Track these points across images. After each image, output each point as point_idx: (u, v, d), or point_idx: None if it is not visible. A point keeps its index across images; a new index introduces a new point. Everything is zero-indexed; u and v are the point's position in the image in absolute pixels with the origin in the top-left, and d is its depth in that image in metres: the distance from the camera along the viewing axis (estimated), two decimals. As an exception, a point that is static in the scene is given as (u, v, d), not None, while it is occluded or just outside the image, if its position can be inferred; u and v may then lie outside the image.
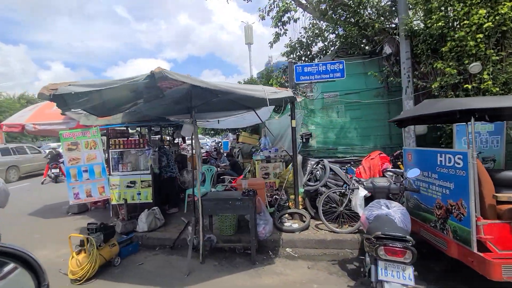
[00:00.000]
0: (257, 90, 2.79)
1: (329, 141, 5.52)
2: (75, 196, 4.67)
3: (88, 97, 2.65)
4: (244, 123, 7.19)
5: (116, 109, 3.98)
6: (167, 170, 5.40)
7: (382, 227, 2.28)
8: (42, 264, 1.09)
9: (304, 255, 3.82)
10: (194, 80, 2.39)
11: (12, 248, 0.94)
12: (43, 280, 1.01)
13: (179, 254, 3.98)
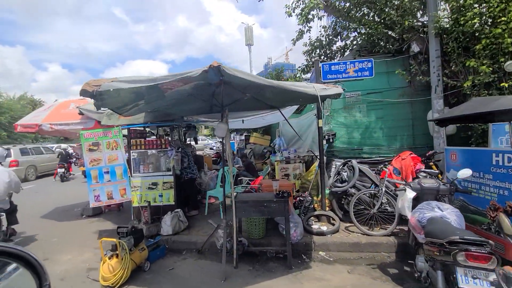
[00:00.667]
0: (307, 87, 2.68)
1: (354, 141, 5.40)
2: (96, 198, 4.52)
3: (131, 94, 2.51)
4: (262, 123, 7.07)
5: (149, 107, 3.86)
6: (187, 171, 5.25)
7: (446, 231, 2.16)
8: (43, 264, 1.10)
9: (340, 258, 3.69)
10: (250, 76, 2.26)
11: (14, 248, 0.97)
12: (44, 280, 1.02)
13: (209, 259, 3.83)
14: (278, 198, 3.49)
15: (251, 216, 3.78)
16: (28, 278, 1.01)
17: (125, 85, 2.28)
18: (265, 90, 3.63)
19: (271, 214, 3.57)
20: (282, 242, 3.99)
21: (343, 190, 4.56)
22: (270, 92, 3.70)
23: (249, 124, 6.70)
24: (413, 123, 5.27)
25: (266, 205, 3.46)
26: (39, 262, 1.03)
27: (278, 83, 2.46)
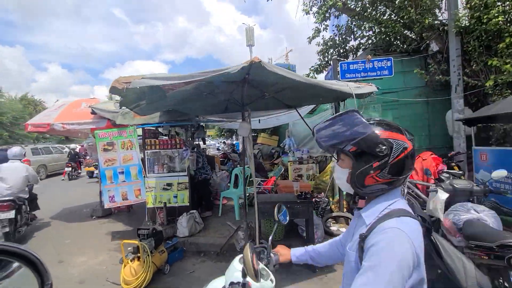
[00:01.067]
0: (341, 85, 2.60)
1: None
2: (110, 199, 4.42)
3: (158, 92, 2.43)
4: (275, 123, 6.99)
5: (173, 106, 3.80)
6: (201, 171, 5.18)
7: (492, 234, 2.08)
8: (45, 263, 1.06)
9: (363, 261, 3.60)
10: (288, 72, 2.18)
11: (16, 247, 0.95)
12: (46, 279, 1.01)
13: (228, 261, 3.69)
14: (302, 199, 3.40)
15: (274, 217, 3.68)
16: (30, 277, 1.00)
17: (156, 82, 2.20)
18: (287, 89, 3.57)
19: (294, 216, 3.49)
20: (302, 244, 3.90)
21: (362, 191, 4.47)
22: (293, 91, 3.61)
23: (263, 124, 6.63)
24: (430, 123, 5.19)
25: (289, 206, 3.35)
26: (41, 261, 1.00)
27: (315, 81, 2.39)
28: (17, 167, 4.80)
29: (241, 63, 1.91)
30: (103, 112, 4.88)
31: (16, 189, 4.65)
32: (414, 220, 0.91)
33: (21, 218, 4.72)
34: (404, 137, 0.97)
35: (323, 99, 4.07)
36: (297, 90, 3.61)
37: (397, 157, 0.93)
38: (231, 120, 5.83)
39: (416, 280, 0.84)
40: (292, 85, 3.27)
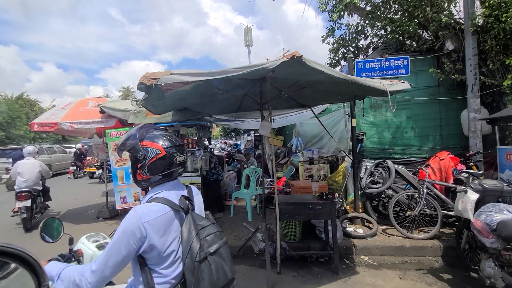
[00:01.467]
0: (374, 82, 2.53)
1: (385, 141, 5.26)
2: (122, 200, 4.32)
3: (186, 89, 2.34)
4: (285, 123, 6.91)
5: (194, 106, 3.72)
6: (213, 172, 5.08)
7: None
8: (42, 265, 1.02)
9: (385, 263, 3.54)
10: (327, 68, 2.09)
11: (13, 248, 0.92)
12: (43, 281, 0.97)
13: (246, 263, 3.65)
14: (323, 199, 3.32)
15: (295, 219, 3.62)
16: (27, 278, 0.97)
17: (185, 78, 2.11)
18: (307, 87, 3.50)
19: (317, 217, 3.41)
20: (321, 246, 3.84)
21: (379, 191, 4.42)
22: (313, 89, 3.55)
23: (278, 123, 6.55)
24: (445, 122, 5.14)
25: (311, 207, 3.30)
26: (38, 262, 0.98)
27: (353, 78, 2.31)
28: (32, 163, 5.45)
29: (280, 58, 1.83)
30: (112, 111, 4.76)
31: (31, 182, 5.32)
32: (160, 204, 1.22)
33: (36, 207, 5.49)
34: (158, 145, 1.28)
35: (341, 97, 4.00)
36: (318, 88, 3.55)
37: (150, 160, 1.27)
38: (239, 120, 5.73)
39: (146, 246, 1.14)
40: (316, 82, 3.20)
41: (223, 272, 1.21)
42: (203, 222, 1.27)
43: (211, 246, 1.21)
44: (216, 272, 1.19)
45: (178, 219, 1.26)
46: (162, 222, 1.19)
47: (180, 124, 5.01)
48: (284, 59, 1.80)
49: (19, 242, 6.65)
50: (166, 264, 1.19)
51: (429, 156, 4.99)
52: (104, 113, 5.08)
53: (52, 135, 31.99)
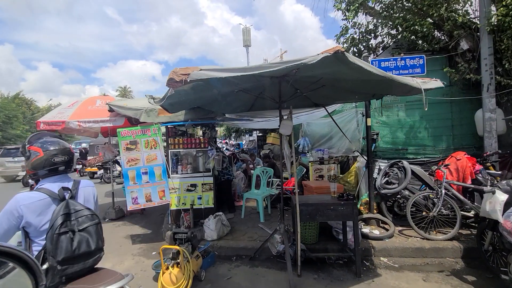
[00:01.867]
0: (409, 80, 2.47)
1: (398, 141, 5.21)
2: (133, 201, 4.20)
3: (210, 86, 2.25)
4: (296, 121, 6.83)
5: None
6: (224, 172, 4.99)
7: None
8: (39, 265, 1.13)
9: (406, 265, 3.48)
10: (370, 66, 2.02)
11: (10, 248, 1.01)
12: (40, 280, 1.05)
13: (264, 266, 3.57)
14: (345, 200, 3.25)
15: (316, 220, 3.54)
16: (24, 278, 1.03)
17: (217, 74, 2.02)
18: (327, 86, 3.43)
19: (338, 218, 3.34)
20: (338, 247, 3.77)
21: (395, 192, 4.36)
22: (333, 87, 3.49)
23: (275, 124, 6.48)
24: (458, 122, 5.10)
25: (333, 208, 3.23)
26: (35, 261, 1.05)
27: (391, 75, 2.24)
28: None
29: (321, 53, 1.75)
30: (122, 109, 4.64)
31: None
32: (39, 193, 1.65)
33: None
34: (38, 149, 1.73)
35: (358, 96, 3.94)
36: (338, 86, 3.49)
37: (32, 160, 1.72)
38: (249, 119, 5.64)
39: (24, 223, 1.57)
40: (340, 80, 3.14)
41: (86, 244, 1.66)
42: (78, 207, 1.70)
43: (81, 224, 1.66)
44: (79, 243, 1.62)
45: (56, 204, 1.66)
46: (38, 205, 1.61)
47: (194, 123, 4.92)
48: (326, 54, 1.72)
49: None
50: (43, 237, 1.59)
51: (443, 156, 4.95)
52: (113, 111, 4.97)
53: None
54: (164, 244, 4.46)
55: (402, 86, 2.59)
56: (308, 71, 2.61)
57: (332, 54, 1.71)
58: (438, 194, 3.91)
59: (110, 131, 5.96)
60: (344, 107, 6.36)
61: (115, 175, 11.52)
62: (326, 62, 1.78)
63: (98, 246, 1.73)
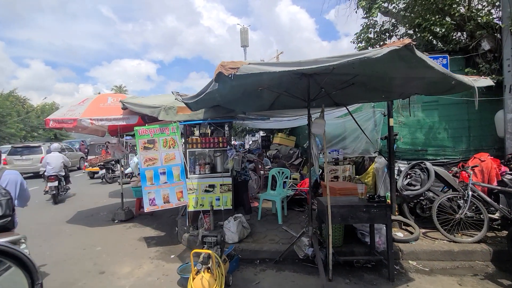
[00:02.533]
0: (463, 77, 2.38)
1: (418, 142, 5.15)
2: (150, 202, 4.04)
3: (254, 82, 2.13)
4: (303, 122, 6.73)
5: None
6: (241, 172, 4.86)
7: None
8: (36, 263, 1.13)
9: (436, 268, 3.40)
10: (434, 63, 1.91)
11: (6, 247, 1.01)
12: (36, 279, 1.07)
13: (291, 270, 3.45)
14: (378, 203, 3.15)
15: (348, 222, 3.43)
16: (20, 277, 1.03)
17: (268, 68, 1.91)
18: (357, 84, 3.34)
19: (371, 220, 3.24)
20: (365, 250, 3.67)
21: (418, 193, 4.28)
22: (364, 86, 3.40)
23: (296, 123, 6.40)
24: (478, 124, 5.06)
25: (365, 210, 3.13)
26: (32, 261, 1.07)
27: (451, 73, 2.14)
28: (57, 156, 7.67)
29: (388, 46, 1.64)
30: (137, 107, 4.48)
31: (57, 169, 7.43)
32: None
33: (60, 187, 7.64)
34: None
35: (385, 95, 3.85)
36: (369, 85, 3.39)
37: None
38: (267, 118, 5.52)
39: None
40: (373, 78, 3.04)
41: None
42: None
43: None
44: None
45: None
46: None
47: (207, 123, 4.78)
48: (395, 47, 1.61)
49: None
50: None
51: (462, 157, 4.91)
52: (126, 109, 4.81)
53: (45, 134, 31.06)
54: (181, 246, 4.33)
55: (446, 84, 2.51)
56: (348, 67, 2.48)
57: (402, 47, 1.60)
58: (465, 196, 3.85)
59: (120, 129, 5.78)
60: (362, 106, 6.29)
61: (116, 175, 11.32)
62: (390, 56, 1.67)
63: (5, 213, 2.04)
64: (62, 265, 3.75)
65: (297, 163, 8.70)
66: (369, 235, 3.73)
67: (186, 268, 3.25)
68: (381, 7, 4.81)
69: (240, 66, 1.91)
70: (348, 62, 1.74)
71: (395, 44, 1.64)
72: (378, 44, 5.95)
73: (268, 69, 1.89)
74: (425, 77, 2.38)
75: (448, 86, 2.68)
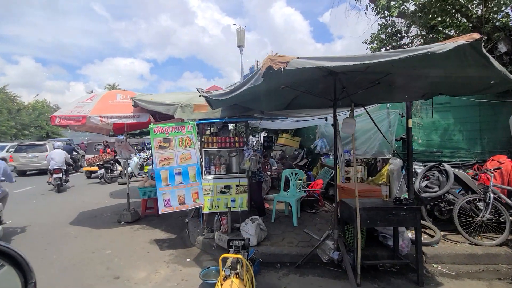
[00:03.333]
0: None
1: (433, 144, 5.12)
2: (165, 204, 3.88)
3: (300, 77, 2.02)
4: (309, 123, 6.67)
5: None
6: (255, 173, 4.73)
7: None
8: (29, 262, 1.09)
9: (462, 272, 3.34)
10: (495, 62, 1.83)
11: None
12: (30, 278, 1.04)
13: (315, 274, 3.34)
14: (407, 205, 3.08)
15: (377, 225, 3.36)
16: (13, 275, 1.01)
17: (318, 62, 1.80)
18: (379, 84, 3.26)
19: (401, 223, 3.16)
20: (389, 254, 3.59)
21: (437, 195, 4.23)
22: (387, 86, 3.33)
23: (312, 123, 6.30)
24: (492, 126, 5.06)
25: (395, 213, 3.05)
26: (26, 259, 1.04)
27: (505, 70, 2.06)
28: (60, 152, 9.25)
29: (453, 41, 1.55)
30: (150, 104, 4.32)
31: (60, 163, 8.86)
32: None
33: (63, 179, 9.00)
34: None
35: (408, 96, 3.79)
36: (396, 84, 3.32)
37: None
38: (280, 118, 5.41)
39: None
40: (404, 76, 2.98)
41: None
42: None
43: None
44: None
45: None
46: None
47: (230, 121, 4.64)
48: (462, 42, 1.52)
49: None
50: None
51: (477, 160, 4.89)
52: (137, 107, 4.64)
53: (36, 132, 30.25)
54: (195, 249, 4.17)
55: (485, 84, 2.45)
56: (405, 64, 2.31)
57: (471, 42, 1.51)
58: (486, 199, 3.82)
59: (128, 128, 5.59)
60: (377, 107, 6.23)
61: (115, 174, 11.03)
62: (454, 52, 1.58)
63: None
64: (72, 269, 3.56)
65: (302, 164, 8.62)
66: (391, 238, 3.66)
67: (208, 273, 3.11)
68: (400, 6, 4.76)
69: (290, 60, 1.80)
70: (410, 57, 1.64)
71: (461, 38, 1.55)
72: (390, 44, 5.91)
73: (320, 63, 1.78)
74: (468, 76, 2.31)
75: (484, 86, 2.62)
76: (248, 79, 2.16)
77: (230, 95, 2.52)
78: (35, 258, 3.83)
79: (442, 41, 5.42)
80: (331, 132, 7.48)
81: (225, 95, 2.55)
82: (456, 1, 4.71)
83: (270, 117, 4.74)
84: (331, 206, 5.78)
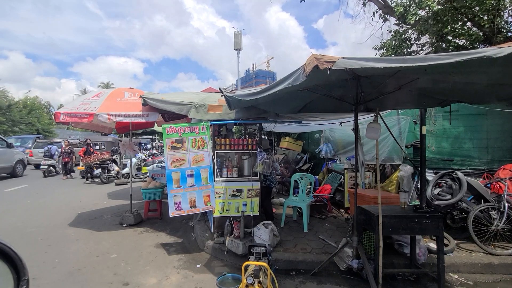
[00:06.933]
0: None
1: (444, 151, 5.12)
2: (176, 206, 3.75)
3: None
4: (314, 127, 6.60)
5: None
6: (267, 177, 4.63)
7: None
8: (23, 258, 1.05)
9: (479, 282, 3.30)
10: None
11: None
12: (23, 275, 0.99)
13: (333, 283, 3.24)
14: (430, 213, 3.02)
15: (399, 233, 3.29)
16: (5, 271, 0.99)
17: (366, 63, 1.73)
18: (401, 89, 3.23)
19: (422, 232, 3.10)
20: (405, 262, 3.53)
21: (450, 203, 4.21)
22: (410, 91, 3.29)
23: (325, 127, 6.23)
24: (502, 135, 5.09)
25: (417, 221, 2.99)
26: (19, 255, 1.02)
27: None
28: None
29: (510, 46, 1.50)
30: (162, 103, 4.18)
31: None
32: None
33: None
34: None
35: (427, 102, 3.77)
36: (418, 90, 3.29)
37: None
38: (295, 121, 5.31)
39: None
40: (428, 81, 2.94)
41: None
42: None
43: None
44: None
45: None
46: None
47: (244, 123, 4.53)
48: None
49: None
50: None
51: (487, 168, 4.91)
52: (146, 105, 4.50)
53: (26, 129, 29.44)
54: (204, 254, 4.03)
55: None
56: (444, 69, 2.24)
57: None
58: (501, 208, 3.81)
59: (133, 127, 5.42)
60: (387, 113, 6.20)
61: (112, 175, 10.76)
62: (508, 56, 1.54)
63: None
64: (78, 275, 3.37)
65: (305, 168, 8.56)
66: (407, 245, 3.61)
67: (224, 280, 2.97)
68: (416, 14, 4.78)
69: (336, 60, 1.72)
70: (465, 60, 1.59)
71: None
72: (400, 50, 5.94)
73: (369, 64, 1.71)
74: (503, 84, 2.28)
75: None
76: (283, 79, 2.08)
77: (260, 95, 2.42)
78: (36, 262, 3.63)
79: (452, 50, 5.44)
80: (336, 137, 7.47)
81: (254, 95, 2.45)
82: (469, 11, 4.75)
83: (285, 120, 4.65)
84: (339, 212, 5.72)
